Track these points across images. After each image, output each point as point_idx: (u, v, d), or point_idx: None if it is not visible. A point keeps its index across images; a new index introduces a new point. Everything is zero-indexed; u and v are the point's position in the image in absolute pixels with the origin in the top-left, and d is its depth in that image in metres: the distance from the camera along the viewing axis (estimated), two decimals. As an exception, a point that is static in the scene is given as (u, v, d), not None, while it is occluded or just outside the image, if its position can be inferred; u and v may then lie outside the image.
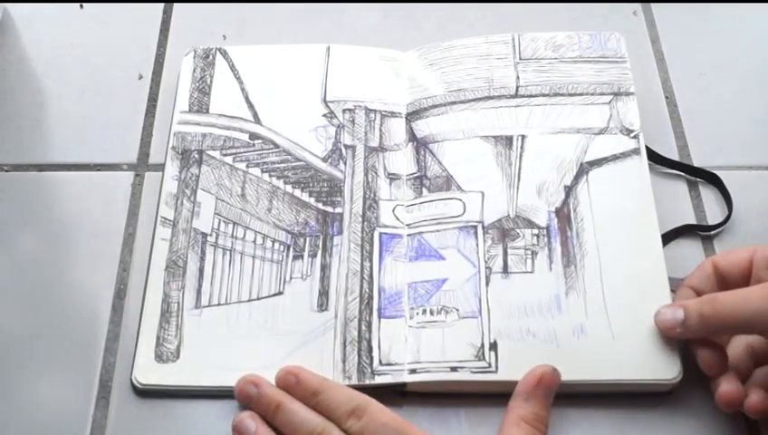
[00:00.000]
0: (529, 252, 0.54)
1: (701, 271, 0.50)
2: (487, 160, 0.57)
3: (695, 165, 0.59)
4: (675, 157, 0.60)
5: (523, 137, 0.58)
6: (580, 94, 0.59)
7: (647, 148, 0.58)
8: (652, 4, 0.68)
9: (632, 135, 0.57)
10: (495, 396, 0.49)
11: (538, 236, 0.54)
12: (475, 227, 0.55)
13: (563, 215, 0.55)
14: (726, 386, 0.46)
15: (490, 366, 0.49)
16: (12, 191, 0.58)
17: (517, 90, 0.60)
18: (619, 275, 0.52)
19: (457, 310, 0.52)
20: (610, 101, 0.59)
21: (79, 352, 0.52)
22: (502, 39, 0.62)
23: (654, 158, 0.58)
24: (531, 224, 0.55)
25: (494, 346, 0.50)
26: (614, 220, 0.54)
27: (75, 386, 0.51)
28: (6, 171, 0.59)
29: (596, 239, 0.54)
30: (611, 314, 0.51)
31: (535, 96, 0.59)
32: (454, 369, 0.49)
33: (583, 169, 0.56)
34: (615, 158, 0.57)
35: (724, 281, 0.49)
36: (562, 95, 0.59)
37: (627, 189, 0.55)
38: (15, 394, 0.50)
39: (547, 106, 0.59)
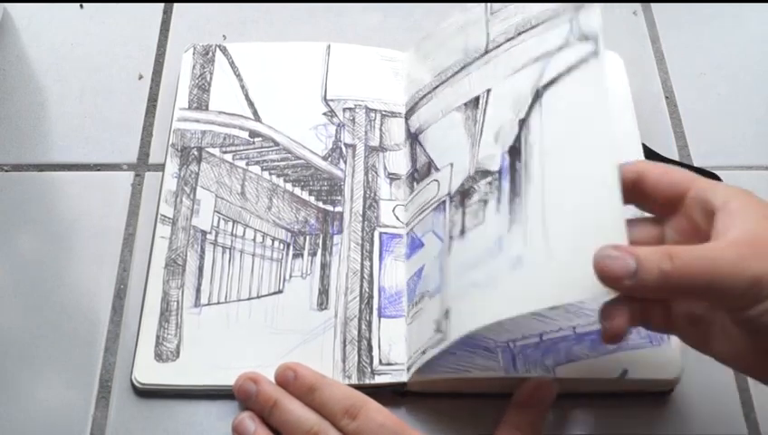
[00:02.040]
0: (482, 202, 0.49)
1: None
2: (458, 130, 0.54)
3: (695, 165, 0.59)
4: (675, 157, 0.60)
5: (488, 91, 0.53)
6: (543, 22, 0.51)
7: (646, 147, 0.57)
8: (652, 4, 0.68)
9: (589, 39, 0.47)
10: (496, 397, 0.49)
11: (491, 183, 0.49)
12: (444, 201, 0.52)
13: (515, 151, 0.49)
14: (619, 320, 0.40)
15: (444, 336, 0.47)
16: (12, 191, 0.58)
17: (487, 46, 0.55)
18: (565, 195, 0.45)
19: (429, 291, 0.50)
20: (572, 18, 0.49)
21: (79, 352, 0.52)
22: (477, 7, 0.57)
23: (654, 158, 0.58)
24: (486, 174, 0.50)
25: (447, 314, 0.48)
26: (565, 138, 0.46)
27: (75, 386, 0.51)
28: (6, 171, 0.59)
29: (542, 164, 0.46)
30: (551, 237, 0.44)
31: (502, 44, 0.54)
32: (424, 352, 0.48)
33: (537, 95, 0.49)
34: (569, 69, 0.47)
35: (642, 195, 0.43)
36: (526, 31, 0.52)
37: (581, 101, 0.46)
38: (15, 394, 0.50)
39: (511, 49, 0.53)
